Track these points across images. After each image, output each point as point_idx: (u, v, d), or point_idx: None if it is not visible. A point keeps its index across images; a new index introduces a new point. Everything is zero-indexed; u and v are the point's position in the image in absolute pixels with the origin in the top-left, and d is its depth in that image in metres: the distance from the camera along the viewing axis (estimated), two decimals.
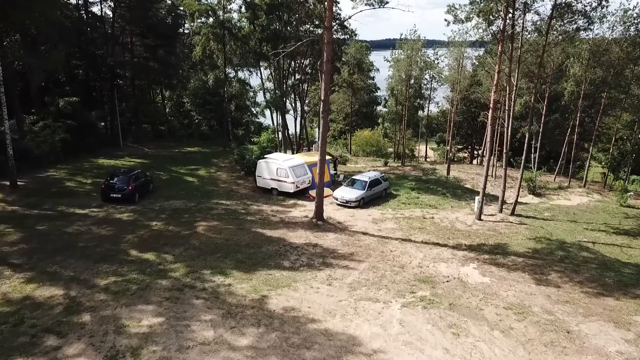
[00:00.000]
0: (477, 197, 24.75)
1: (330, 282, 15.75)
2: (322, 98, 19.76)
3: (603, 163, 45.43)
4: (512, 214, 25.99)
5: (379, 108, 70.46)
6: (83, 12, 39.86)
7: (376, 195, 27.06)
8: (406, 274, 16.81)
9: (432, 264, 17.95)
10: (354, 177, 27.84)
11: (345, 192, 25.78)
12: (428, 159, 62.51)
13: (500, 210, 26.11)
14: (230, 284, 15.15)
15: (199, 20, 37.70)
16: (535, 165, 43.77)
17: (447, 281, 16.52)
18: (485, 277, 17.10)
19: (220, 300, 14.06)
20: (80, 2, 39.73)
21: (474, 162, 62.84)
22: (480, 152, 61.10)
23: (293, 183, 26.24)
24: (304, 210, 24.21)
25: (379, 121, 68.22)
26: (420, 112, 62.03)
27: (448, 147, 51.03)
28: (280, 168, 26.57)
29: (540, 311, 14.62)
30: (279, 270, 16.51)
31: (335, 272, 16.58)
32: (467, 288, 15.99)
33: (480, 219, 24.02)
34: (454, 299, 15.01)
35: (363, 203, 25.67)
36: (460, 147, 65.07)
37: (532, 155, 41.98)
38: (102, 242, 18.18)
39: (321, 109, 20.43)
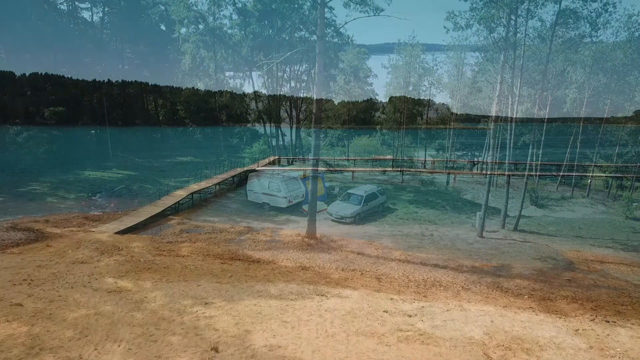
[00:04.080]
0: (478, 213, 23.56)
1: (321, 313, 14.49)
2: (314, 112, 18.55)
3: (607, 172, 44.22)
4: (515, 229, 24.82)
5: (377, 114, 69.25)
6: (71, 17, 38.72)
7: (373, 210, 25.78)
8: (403, 302, 15.57)
9: (432, 290, 16.74)
10: (349, 191, 26.58)
11: (340, 208, 24.50)
12: (427, 167, 61.33)
13: (503, 226, 24.93)
14: (212, 316, 13.89)
15: (191, 27, 36.47)
16: (537, 174, 42.62)
17: (448, 310, 15.29)
18: (488, 305, 15.88)
19: (199, 336, 12.79)
20: (70, 7, 38.62)
21: (474, 169, 61.71)
22: (480, 159, 59.95)
23: (285, 197, 25.03)
24: (297, 227, 22.98)
25: (377, 128, 67.03)
26: (419, 119, 60.84)
27: (448, 155, 49.89)
28: (272, 182, 25.35)
29: (549, 345, 13.37)
30: (266, 299, 15.27)
31: (327, 301, 15.33)
32: (469, 319, 14.74)
33: (482, 237, 22.81)
34: (454, 333, 13.75)
35: (359, 219, 24.40)
36: (459, 154, 63.91)
37: (534, 163, 40.92)
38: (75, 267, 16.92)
39: (313, 123, 19.22)
